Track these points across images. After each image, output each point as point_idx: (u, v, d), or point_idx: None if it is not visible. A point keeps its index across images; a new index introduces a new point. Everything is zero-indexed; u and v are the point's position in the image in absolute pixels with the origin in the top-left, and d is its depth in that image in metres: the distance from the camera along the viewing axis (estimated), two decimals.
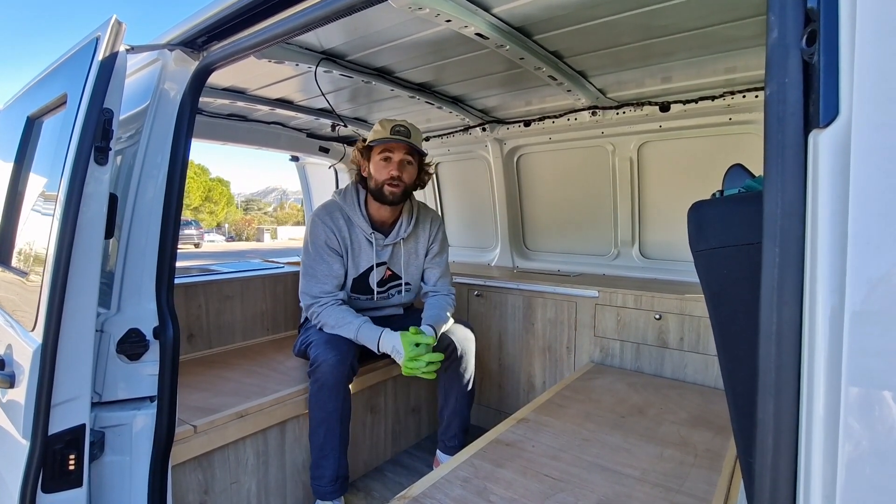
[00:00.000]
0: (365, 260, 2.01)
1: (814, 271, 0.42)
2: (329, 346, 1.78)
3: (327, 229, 1.94)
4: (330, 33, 1.65)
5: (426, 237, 2.14)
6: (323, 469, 1.74)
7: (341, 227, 1.96)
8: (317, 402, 1.74)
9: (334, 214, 1.97)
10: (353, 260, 2.01)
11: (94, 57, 1.14)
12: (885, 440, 0.38)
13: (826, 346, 0.41)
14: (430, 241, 2.15)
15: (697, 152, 2.35)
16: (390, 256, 2.07)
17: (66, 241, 1.07)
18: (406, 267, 2.11)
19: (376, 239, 2.00)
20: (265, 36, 1.18)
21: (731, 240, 0.61)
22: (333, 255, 1.95)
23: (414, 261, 2.13)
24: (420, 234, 2.13)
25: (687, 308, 2.06)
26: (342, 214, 1.98)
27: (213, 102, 2.29)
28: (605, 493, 1.26)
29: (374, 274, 2.03)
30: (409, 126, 1.91)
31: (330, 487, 1.74)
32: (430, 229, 2.15)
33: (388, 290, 2.11)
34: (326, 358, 1.73)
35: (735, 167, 0.89)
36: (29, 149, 1.53)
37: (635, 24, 1.52)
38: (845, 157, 0.40)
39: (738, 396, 0.64)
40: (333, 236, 1.94)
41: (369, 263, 2.02)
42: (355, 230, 1.99)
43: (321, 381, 1.73)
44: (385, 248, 2.04)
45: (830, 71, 0.42)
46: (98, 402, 1.27)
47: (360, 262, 2.02)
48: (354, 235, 1.99)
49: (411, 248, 2.11)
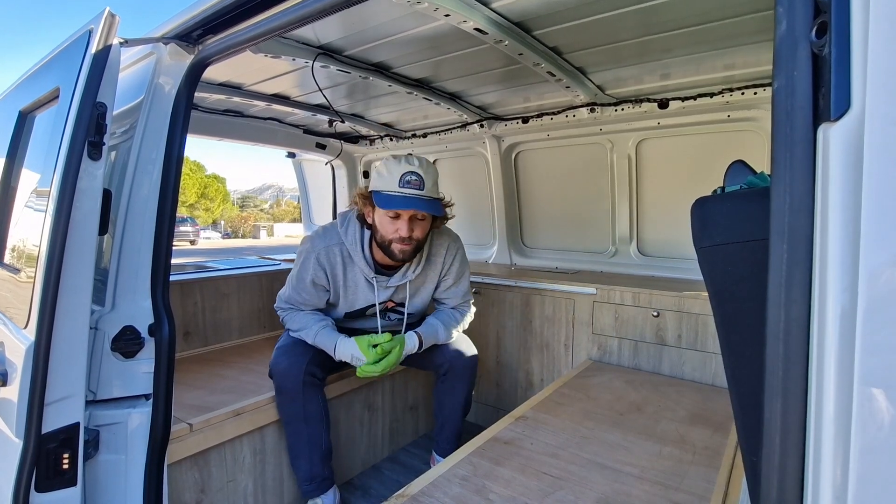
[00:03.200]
0: (362, 299, 1.86)
1: (823, 269, 0.42)
2: (282, 351, 1.77)
3: (319, 269, 1.79)
4: (327, 28, 1.63)
5: (438, 270, 1.93)
6: (296, 469, 1.77)
7: (335, 264, 1.80)
8: (279, 405, 1.76)
9: (331, 251, 1.80)
10: (345, 297, 1.86)
11: (87, 50, 1.12)
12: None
13: (837, 345, 0.40)
14: (442, 273, 1.94)
15: (696, 149, 2.34)
16: (392, 294, 1.90)
17: (59, 238, 1.06)
18: (412, 301, 1.95)
19: (378, 282, 1.83)
20: (261, 30, 1.16)
21: (736, 236, 0.60)
22: (316, 292, 1.84)
23: (421, 295, 1.96)
24: (431, 270, 1.93)
25: (685, 305, 2.06)
26: (341, 251, 1.81)
27: (208, 98, 2.27)
28: (603, 490, 1.25)
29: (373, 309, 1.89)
30: (423, 171, 1.65)
31: (305, 486, 1.76)
32: (443, 261, 1.93)
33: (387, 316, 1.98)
34: (277, 363, 1.74)
35: (736, 163, 0.89)
36: (21, 144, 1.51)
37: (634, 20, 1.51)
38: (857, 152, 0.39)
39: (743, 395, 0.63)
40: (324, 276, 1.80)
41: (368, 303, 1.87)
42: (354, 269, 1.82)
43: (277, 386, 1.74)
44: (388, 288, 1.87)
45: (842, 63, 0.41)
46: (93, 400, 1.26)
47: (357, 300, 1.87)
48: (352, 274, 1.83)
49: (419, 285, 1.94)
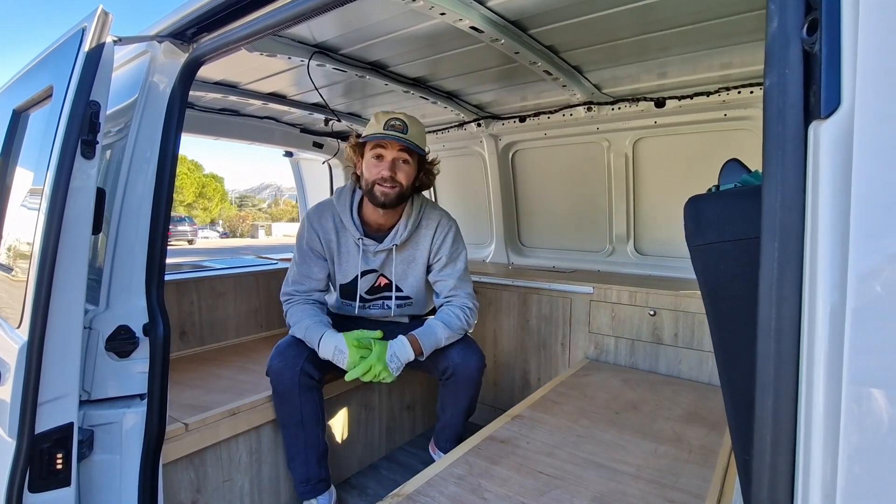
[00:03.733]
0: (353, 267, 1.88)
1: (814, 267, 0.42)
2: (278, 352, 1.76)
3: (312, 232, 1.85)
4: (323, 26, 1.63)
5: (428, 244, 1.89)
6: (292, 471, 1.76)
7: (328, 229, 1.86)
8: (275, 406, 1.75)
9: (324, 215, 1.87)
10: (339, 266, 1.88)
11: (81, 48, 1.11)
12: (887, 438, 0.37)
13: (826, 343, 0.40)
14: (434, 249, 1.90)
15: (692, 148, 2.35)
16: (382, 264, 1.90)
17: (52, 237, 1.05)
18: (404, 277, 1.92)
19: (365, 245, 1.84)
20: (256, 27, 1.16)
21: (729, 234, 0.60)
22: (314, 258, 1.87)
23: (412, 270, 1.92)
24: (421, 240, 1.89)
25: (681, 304, 2.06)
26: (333, 216, 1.86)
27: (204, 97, 2.26)
28: (599, 489, 1.25)
29: (361, 282, 1.89)
30: (408, 119, 1.74)
31: (301, 488, 1.74)
32: (434, 235, 1.89)
33: (380, 300, 1.96)
34: (271, 365, 1.73)
35: (731, 162, 0.89)
36: (15, 143, 1.50)
37: (631, 18, 1.51)
38: (847, 149, 0.39)
39: (735, 393, 0.63)
40: (317, 238, 1.85)
41: (357, 271, 1.87)
42: (345, 233, 1.86)
43: (272, 388, 1.73)
44: (377, 254, 1.87)
45: (832, 60, 0.41)
46: (87, 400, 1.25)
47: (349, 269, 1.88)
48: (343, 239, 1.87)
49: (408, 256, 1.90)
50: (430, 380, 2.51)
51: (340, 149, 3.23)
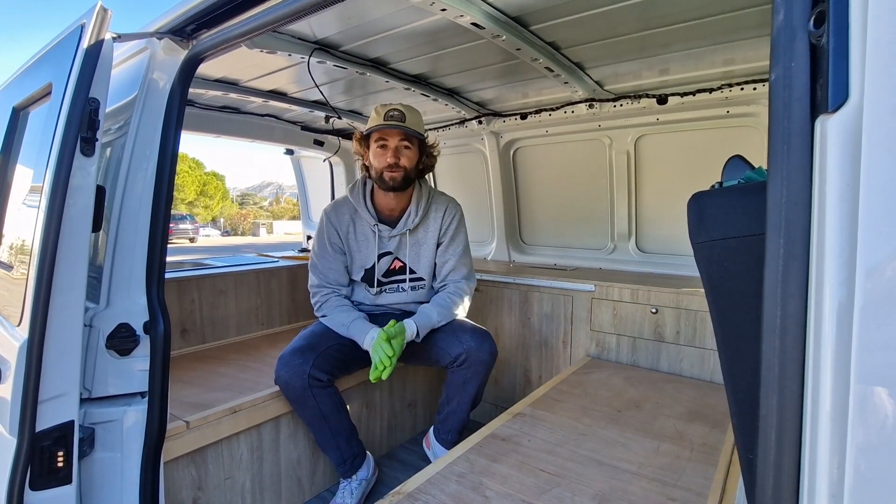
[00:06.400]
0: (371, 251, 1.99)
1: (821, 263, 0.41)
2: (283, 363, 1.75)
3: (331, 226, 1.97)
4: (323, 22, 1.62)
5: (437, 226, 2.02)
6: (329, 457, 1.86)
7: (345, 221, 1.97)
8: (294, 410, 1.81)
9: (340, 210, 1.99)
10: (359, 252, 2.00)
11: (80, 45, 1.10)
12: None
13: (833, 341, 0.39)
14: (441, 230, 2.03)
15: (695, 145, 2.33)
16: (397, 247, 2.02)
17: (51, 234, 1.05)
18: (416, 259, 2.03)
19: (380, 230, 1.97)
20: (256, 23, 1.15)
21: (732, 231, 0.60)
22: (335, 252, 1.98)
23: (425, 252, 2.04)
24: (430, 223, 2.03)
25: (683, 302, 2.05)
26: (349, 208, 1.99)
27: (205, 94, 2.26)
28: (601, 487, 1.25)
29: (378, 265, 2.00)
30: (405, 109, 1.85)
31: (341, 469, 1.84)
32: (442, 218, 2.03)
33: (395, 282, 2.04)
34: (279, 376, 1.75)
35: (734, 158, 0.88)
36: (15, 140, 1.50)
37: (633, 14, 1.50)
38: (855, 143, 0.39)
39: (739, 391, 0.62)
40: (335, 232, 1.97)
41: (374, 254, 1.99)
42: (361, 222, 1.99)
43: (286, 396, 1.77)
44: (392, 238, 2.00)
45: (840, 53, 0.40)
46: (88, 398, 1.25)
47: (368, 255, 2.00)
48: (360, 228, 1.99)
49: (420, 238, 2.03)
50: (432, 378, 2.51)
51: (341, 146, 3.22)
